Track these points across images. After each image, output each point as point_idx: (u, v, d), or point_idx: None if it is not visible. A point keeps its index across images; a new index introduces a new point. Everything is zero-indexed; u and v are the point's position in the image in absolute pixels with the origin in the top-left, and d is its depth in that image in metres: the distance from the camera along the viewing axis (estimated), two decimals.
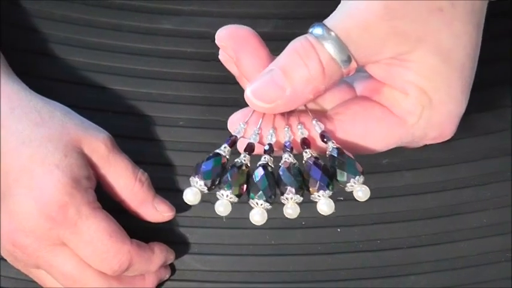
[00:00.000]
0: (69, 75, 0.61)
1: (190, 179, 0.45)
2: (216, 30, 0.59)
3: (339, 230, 0.59)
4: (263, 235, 0.59)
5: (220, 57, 0.48)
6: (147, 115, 0.60)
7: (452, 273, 0.58)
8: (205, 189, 0.45)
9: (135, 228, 0.56)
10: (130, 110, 0.61)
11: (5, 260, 0.57)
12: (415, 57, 0.44)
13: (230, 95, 0.60)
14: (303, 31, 0.60)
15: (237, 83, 0.50)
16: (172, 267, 0.59)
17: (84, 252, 0.54)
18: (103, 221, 0.53)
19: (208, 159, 0.45)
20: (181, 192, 0.58)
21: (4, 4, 0.62)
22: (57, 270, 0.54)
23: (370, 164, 0.59)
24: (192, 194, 0.44)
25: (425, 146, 0.59)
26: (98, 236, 0.53)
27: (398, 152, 0.59)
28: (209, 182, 0.44)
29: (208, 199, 0.58)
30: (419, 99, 0.45)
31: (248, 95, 0.44)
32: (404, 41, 0.43)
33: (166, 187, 0.59)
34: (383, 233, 0.58)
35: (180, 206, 0.58)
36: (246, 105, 0.46)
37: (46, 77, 0.61)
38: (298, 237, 0.59)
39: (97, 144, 0.55)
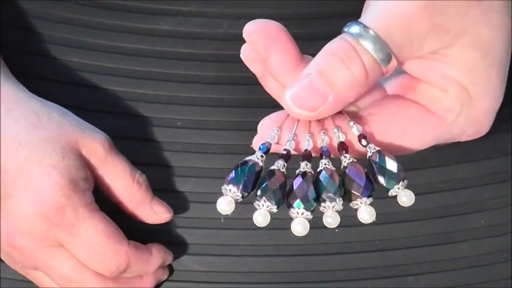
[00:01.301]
0: (66, 75, 0.61)
1: (223, 187, 0.43)
2: (213, 31, 0.59)
3: (336, 230, 0.58)
4: (261, 236, 0.58)
5: (242, 56, 0.46)
6: (144, 116, 0.60)
7: (451, 274, 0.58)
8: (239, 198, 0.43)
9: (133, 229, 0.56)
10: (127, 111, 0.60)
11: (4, 261, 0.57)
12: (455, 52, 0.43)
13: (227, 95, 0.60)
14: (302, 31, 0.60)
15: (235, 84, 0.49)
16: (170, 268, 0.59)
17: (82, 254, 0.53)
18: (101, 222, 0.53)
19: (249, 169, 0.43)
20: (178, 193, 0.59)
21: None
22: (54, 271, 0.54)
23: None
24: (226, 204, 0.43)
25: None
26: (95, 238, 0.53)
27: None
28: (246, 192, 0.43)
29: (205, 200, 0.59)
30: (459, 96, 0.44)
31: (288, 103, 0.42)
32: (444, 35, 0.42)
33: (164, 188, 0.59)
34: (381, 234, 0.58)
35: (178, 207, 0.58)
36: (245, 105, 0.45)
37: (42, 78, 0.61)
38: (296, 238, 0.58)
39: (95, 146, 0.55)
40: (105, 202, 0.55)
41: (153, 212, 0.57)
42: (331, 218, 0.43)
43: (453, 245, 0.58)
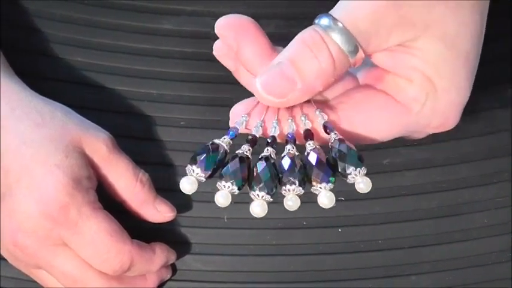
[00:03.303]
0: (70, 75, 0.61)
1: (187, 168, 0.44)
2: None
3: (340, 230, 0.59)
4: (264, 235, 0.59)
5: (214, 52, 0.47)
6: (147, 115, 0.60)
7: (454, 273, 0.58)
8: (202, 178, 0.44)
9: (136, 228, 0.56)
10: (130, 110, 0.61)
11: (5, 260, 0.57)
12: (421, 44, 0.44)
13: (231, 95, 0.60)
14: None
15: (238, 83, 0.49)
16: (173, 267, 0.59)
17: (85, 253, 0.53)
18: (104, 221, 0.53)
19: (206, 149, 0.44)
20: (181, 192, 0.59)
21: (4, 4, 0.62)
22: (58, 270, 0.54)
23: (372, 164, 0.59)
24: (188, 184, 0.44)
25: (428, 145, 0.59)
26: (99, 236, 0.53)
27: (399, 152, 0.60)
28: (208, 173, 0.44)
29: (208, 199, 0.59)
30: (424, 86, 0.45)
31: (258, 89, 0.44)
32: (410, 28, 0.43)
33: (167, 187, 0.59)
34: (384, 233, 0.58)
35: (181, 206, 0.58)
36: None
37: (46, 77, 0.61)
38: (299, 238, 0.58)
39: (98, 145, 0.55)
40: (108, 201, 0.55)
41: (157, 211, 0.57)
42: (291, 201, 0.43)
43: (456, 244, 0.58)
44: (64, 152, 0.53)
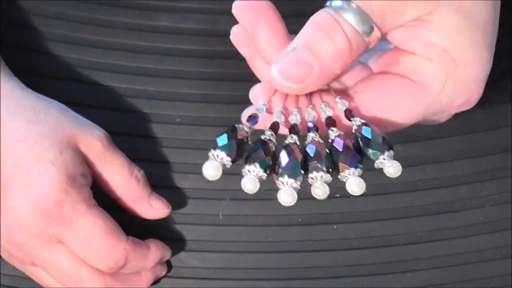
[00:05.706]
0: (65, 72, 0.61)
1: (210, 152, 0.43)
2: (213, 27, 0.59)
3: (335, 227, 0.58)
4: (260, 232, 0.58)
5: (231, 37, 0.47)
6: (143, 112, 0.60)
7: (449, 270, 0.58)
8: (228, 163, 0.42)
9: (131, 225, 0.56)
10: (126, 107, 0.60)
11: (2, 258, 0.57)
12: (437, 18, 0.43)
13: (227, 92, 0.60)
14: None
15: (234, 80, 0.50)
16: (168, 264, 0.59)
17: (80, 250, 0.53)
18: (99, 218, 0.53)
19: (228, 132, 0.43)
20: (177, 189, 0.59)
21: None
22: (52, 267, 0.54)
23: (366, 161, 0.59)
24: (213, 168, 0.42)
25: (422, 142, 0.59)
26: (93, 233, 0.53)
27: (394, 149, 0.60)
28: (233, 155, 0.42)
29: (203, 196, 0.59)
30: (443, 63, 0.44)
31: (275, 76, 0.43)
32: (425, 1, 0.43)
33: (163, 184, 0.59)
34: (379, 230, 0.58)
35: (176, 203, 0.58)
36: (244, 101, 0.45)
37: (41, 74, 0.61)
38: (294, 234, 0.58)
39: (93, 142, 0.55)
40: (103, 198, 0.55)
41: (151, 208, 0.57)
42: (319, 189, 0.42)
43: (450, 241, 0.58)
44: (59, 149, 0.53)
